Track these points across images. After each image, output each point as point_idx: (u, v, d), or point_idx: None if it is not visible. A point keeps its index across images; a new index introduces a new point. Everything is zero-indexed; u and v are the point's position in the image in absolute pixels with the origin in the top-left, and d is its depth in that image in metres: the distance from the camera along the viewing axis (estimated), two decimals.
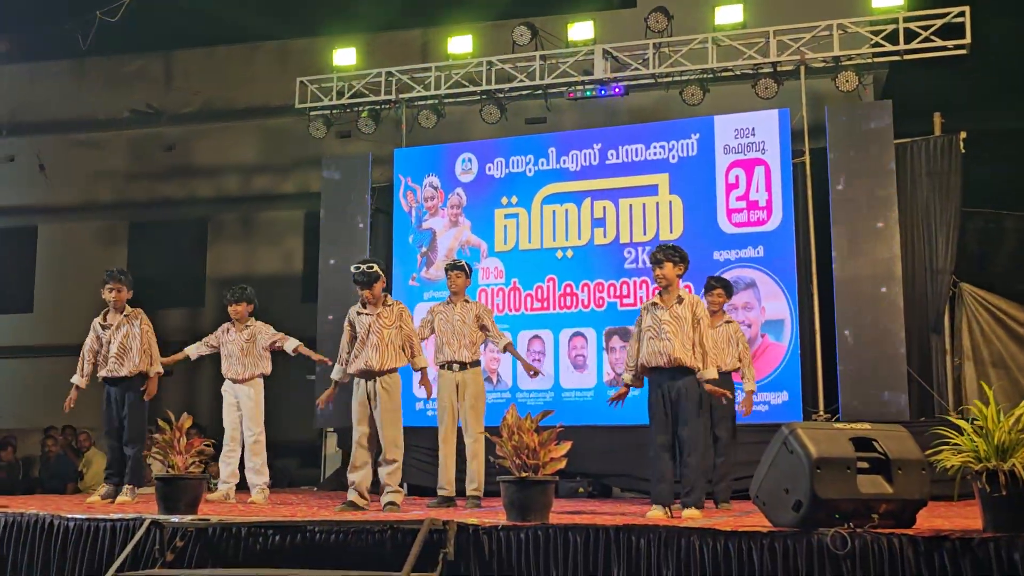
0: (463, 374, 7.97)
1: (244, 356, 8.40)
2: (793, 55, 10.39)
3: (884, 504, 4.90)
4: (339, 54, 11.91)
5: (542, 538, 5.19)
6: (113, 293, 7.91)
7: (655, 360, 6.48)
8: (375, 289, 7.19)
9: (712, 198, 10.34)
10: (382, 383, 7.10)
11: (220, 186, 15.93)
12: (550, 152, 11.00)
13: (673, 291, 6.61)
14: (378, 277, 7.20)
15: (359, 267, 7.23)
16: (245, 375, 8.39)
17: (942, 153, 10.24)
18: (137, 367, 7.85)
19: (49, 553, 5.87)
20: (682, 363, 6.42)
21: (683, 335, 6.45)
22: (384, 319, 7.17)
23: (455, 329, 8.02)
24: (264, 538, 5.57)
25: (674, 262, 6.60)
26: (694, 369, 6.44)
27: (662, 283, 6.62)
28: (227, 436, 8.34)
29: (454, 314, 8.07)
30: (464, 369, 7.98)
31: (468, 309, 8.10)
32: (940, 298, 10.17)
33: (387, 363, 7.11)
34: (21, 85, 16.00)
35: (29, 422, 14.31)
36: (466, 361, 7.99)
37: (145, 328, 7.93)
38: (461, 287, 8.16)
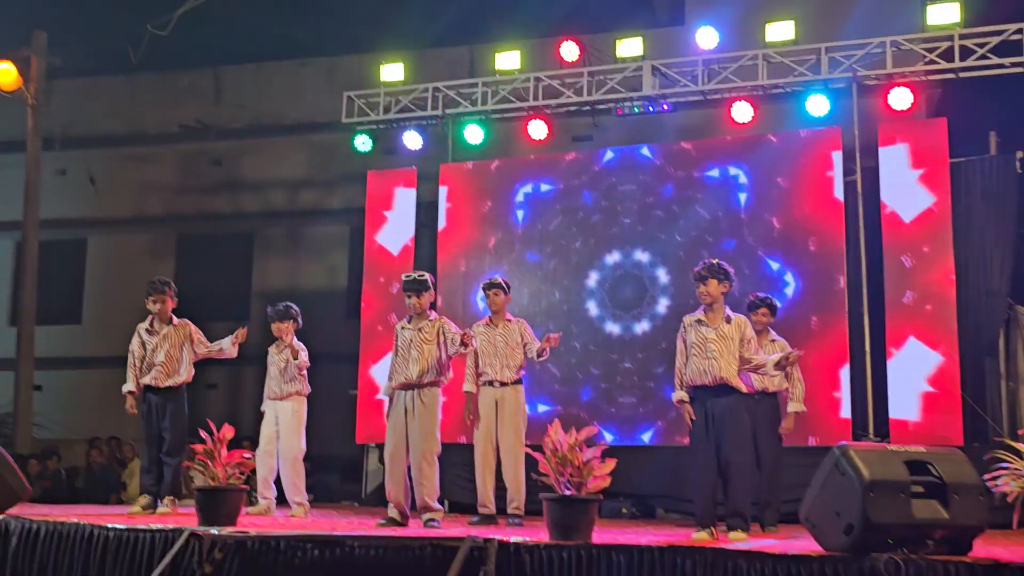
0: (503, 391, 7.89)
1: (281, 376, 8.35)
2: (845, 72, 10.23)
3: (939, 530, 4.74)
4: (386, 69, 11.92)
5: (585, 558, 5.07)
6: (157, 306, 7.93)
7: (700, 379, 6.37)
8: (423, 299, 7.14)
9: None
10: (421, 396, 7.02)
11: (267, 201, 16.05)
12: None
13: (719, 309, 6.49)
14: (427, 287, 7.16)
15: (410, 275, 7.21)
16: (282, 394, 8.34)
17: (998, 173, 10.00)
18: (182, 378, 7.85)
19: (89, 562, 5.85)
20: (727, 383, 6.30)
21: (729, 355, 6.34)
22: (426, 333, 7.10)
23: (497, 350, 7.95)
24: (303, 552, 5.50)
25: (719, 279, 6.48)
26: (739, 389, 6.32)
27: (706, 300, 6.51)
28: (260, 449, 8.27)
29: (495, 335, 7.99)
30: (505, 387, 7.90)
31: (510, 329, 8.02)
32: (995, 321, 9.92)
33: (427, 377, 7.04)
34: (73, 100, 16.22)
35: (75, 432, 14.43)
36: (507, 380, 7.92)
37: (197, 337, 7.94)
38: (501, 305, 8.07)
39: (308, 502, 8.49)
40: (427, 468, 7.01)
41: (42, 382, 14.63)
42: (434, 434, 7.06)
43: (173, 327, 7.94)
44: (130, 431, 12.05)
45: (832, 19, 11.54)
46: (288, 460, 8.26)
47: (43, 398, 14.66)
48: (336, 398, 11.75)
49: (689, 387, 6.45)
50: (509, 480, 7.83)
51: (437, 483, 7.09)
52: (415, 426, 7.00)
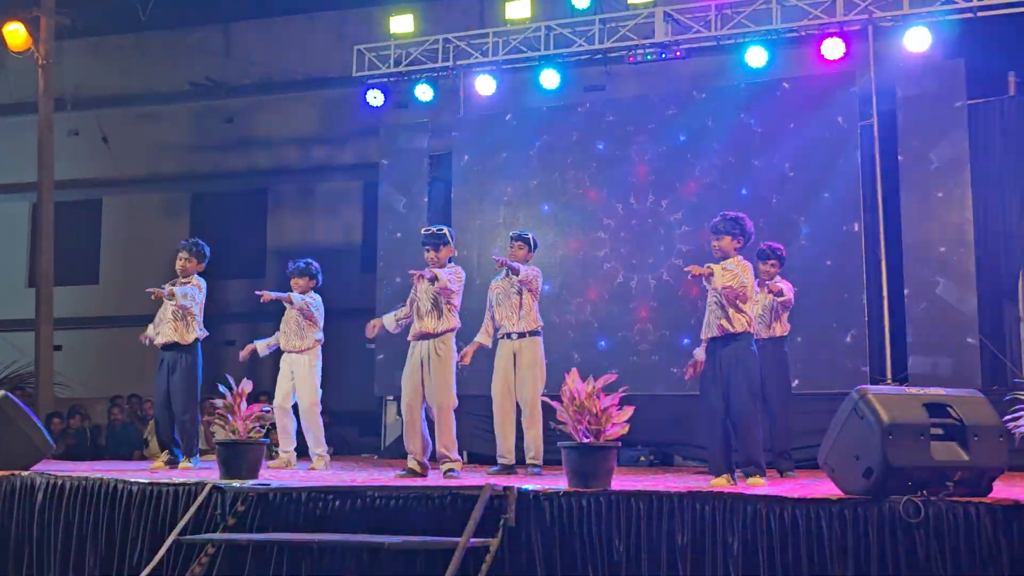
0: (520, 342, 7.89)
1: (300, 328, 8.37)
2: (860, 14, 10.08)
3: (959, 472, 4.73)
4: (395, 21, 11.83)
5: (604, 505, 5.10)
6: (180, 262, 7.97)
7: (708, 332, 6.40)
8: (441, 253, 7.16)
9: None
10: (435, 348, 7.07)
11: (279, 157, 16.02)
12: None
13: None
14: (445, 241, 7.19)
15: (429, 229, 7.23)
16: (302, 347, 8.36)
17: (1017, 114, 9.88)
18: (191, 334, 7.88)
19: (113, 516, 5.92)
20: (731, 332, 6.30)
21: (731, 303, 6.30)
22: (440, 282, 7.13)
23: (511, 301, 7.92)
24: (324, 503, 5.56)
25: (733, 235, 6.43)
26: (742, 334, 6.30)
27: (717, 254, 6.48)
28: (276, 402, 8.30)
29: (511, 286, 7.95)
30: (522, 338, 7.89)
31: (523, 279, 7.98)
32: (1014, 263, 9.84)
33: (442, 325, 7.08)
34: (83, 60, 16.18)
35: (96, 391, 14.55)
36: (524, 331, 7.90)
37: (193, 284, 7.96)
38: (522, 259, 7.98)
39: (328, 454, 8.54)
40: (445, 419, 7.06)
41: (62, 342, 14.74)
42: (450, 385, 7.10)
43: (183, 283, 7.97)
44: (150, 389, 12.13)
45: None
46: (305, 411, 8.32)
47: (63, 358, 14.77)
48: (353, 352, 11.80)
49: (706, 340, 6.46)
50: (528, 431, 7.86)
51: (454, 433, 7.14)
52: (431, 378, 7.04)
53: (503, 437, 7.90)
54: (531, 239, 8.08)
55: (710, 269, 6.20)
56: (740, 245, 6.46)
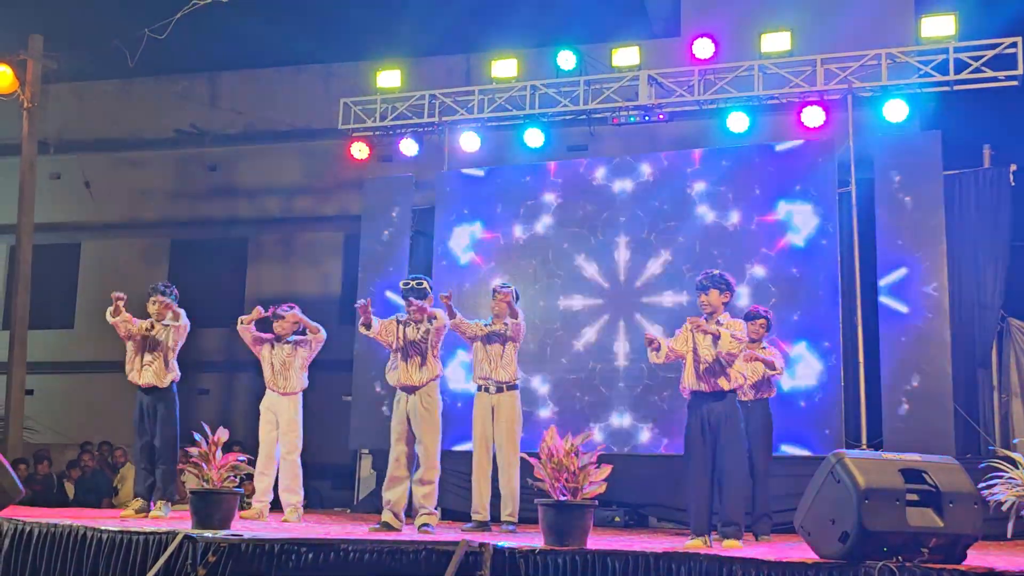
0: (499, 396, 7.87)
1: (285, 370, 8.35)
2: (841, 84, 10.27)
3: (934, 538, 4.76)
4: (383, 76, 11.93)
5: (580, 563, 5.07)
6: (156, 307, 7.94)
7: (697, 385, 6.39)
8: (426, 303, 7.24)
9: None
10: (422, 400, 7.07)
11: (261, 207, 16.03)
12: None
13: (717, 318, 6.50)
14: (427, 293, 7.27)
15: (408, 282, 7.27)
16: (287, 390, 8.33)
17: (991, 186, 10.07)
18: (170, 377, 7.84)
19: (82, 565, 5.84)
20: (723, 389, 6.31)
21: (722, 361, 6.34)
22: (423, 329, 7.20)
23: (489, 355, 7.90)
24: (297, 555, 5.50)
25: (720, 290, 6.50)
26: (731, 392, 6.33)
27: (706, 310, 6.52)
28: (262, 454, 8.27)
29: (493, 337, 7.96)
30: (500, 392, 7.88)
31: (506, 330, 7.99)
32: (988, 333, 9.97)
33: (426, 376, 7.09)
34: (68, 103, 16.21)
35: (67, 437, 14.38)
36: (502, 381, 7.88)
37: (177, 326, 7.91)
38: (505, 312, 8.00)
39: (302, 506, 8.47)
40: (432, 472, 7.09)
41: (34, 386, 14.56)
42: (438, 440, 7.15)
43: (165, 328, 7.93)
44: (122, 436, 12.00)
45: (827, 31, 11.58)
46: (286, 459, 8.26)
47: (35, 402, 14.59)
48: (329, 404, 11.73)
49: (687, 391, 6.48)
50: (504, 486, 7.82)
51: (436, 489, 7.14)
52: (419, 431, 7.07)
53: (479, 492, 7.86)
54: (514, 291, 8.09)
55: (718, 331, 6.25)
56: (728, 299, 6.53)
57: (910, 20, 11.19)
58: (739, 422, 6.33)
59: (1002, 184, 10.00)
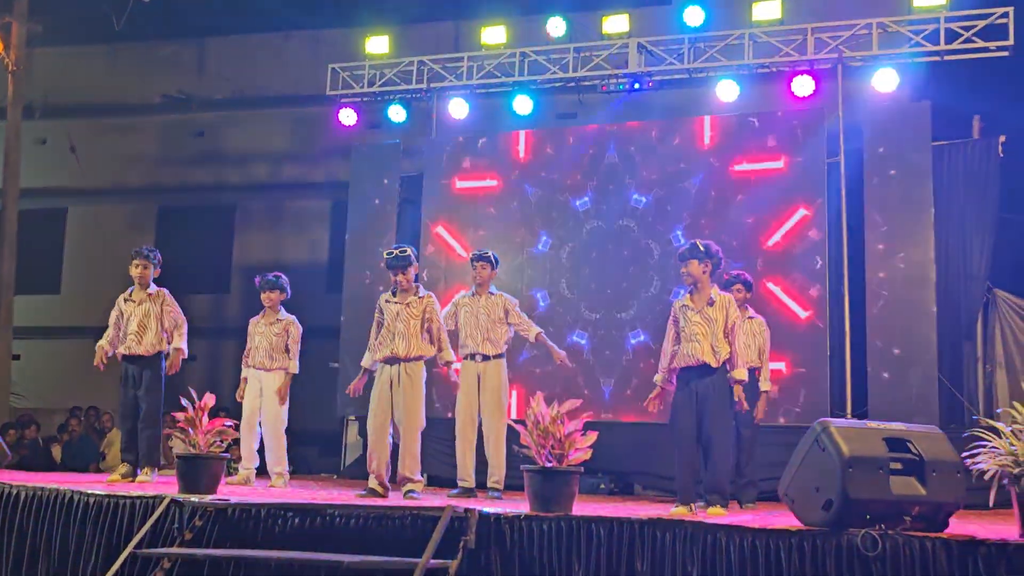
0: (485, 364, 7.89)
1: (272, 350, 8.33)
2: (831, 53, 10.24)
3: (917, 506, 4.79)
4: (371, 42, 11.85)
5: (565, 529, 5.10)
6: (139, 269, 7.89)
7: (684, 361, 6.42)
8: (408, 274, 7.15)
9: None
10: (406, 369, 7.06)
11: (249, 173, 15.97)
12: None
13: (703, 290, 6.50)
14: (411, 262, 7.18)
15: (392, 252, 7.21)
16: (272, 367, 8.33)
17: (980, 157, 10.06)
18: (155, 346, 7.81)
19: (69, 528, 5.85)
20: (710, 364, 6.34)
21: (713, 337, 6.37)
22: (413, 308, 7.14)
23: (479, 322, 7.93)
24: (284, 520, 5.52)
25: (699, 259, 6.47)
26: (721, 366, 6.36)
27: (687, 281, 6.53)
28: (244, 420, 8.25)
29: (479, 307, 7.96)
30: (487, 360, 7.89)
31: (493, 302, 7.99)
32: (974, 304, 10.00)
33: (413, 351, 7.07)
34: (54, 68, 16.07)
35: (53, 402, 14.38)
36: (489, 354, 7.90)
37: (168, 308, 7.88)
38: (487, 279, 8.03)
39: (288, 472, 8.49)
40: (411, 442, 7.05)
41: (21, 351, 14.55)
42: (419, 408, 7.10)
43: (149, 296, 7.90)
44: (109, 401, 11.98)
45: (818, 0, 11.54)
46: (270, 430, 8.26)
47: (21, 367, 14.58)
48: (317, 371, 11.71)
49: (677, 369, 6.49)
50: (491, 455, 7.85)
51: (419, 457, 7.12)
52: (400, 400, 7.03)
53: (463, 459, 7.88)
54: (492, 256, 8.11)
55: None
56: (708, 269, 6.50)
57: None
58: (728, 394, 6.36)
59: (991, 155, 9.99)
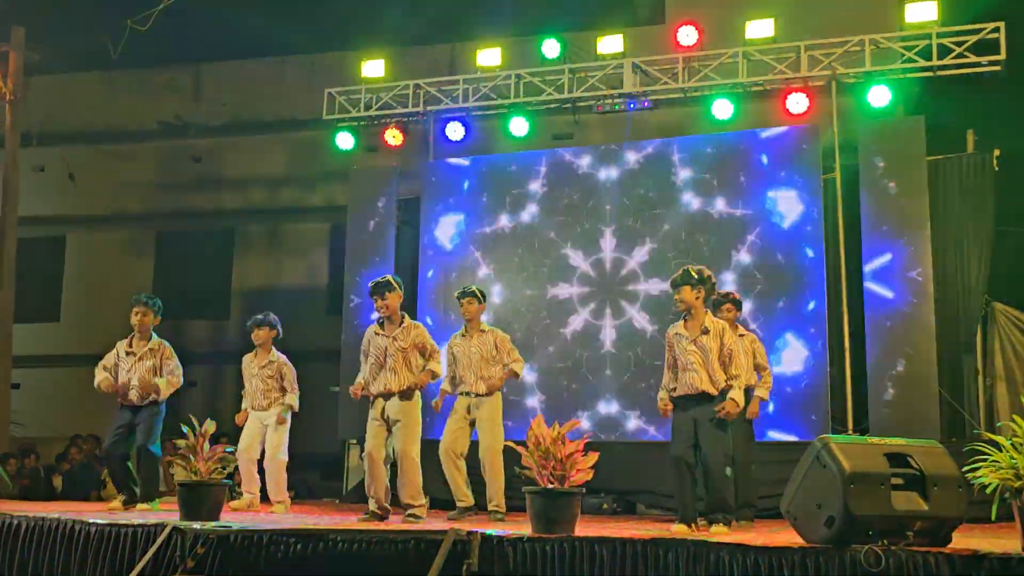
0: (479, 399, 7.87)
1: (267, 391, 8.32)
2: (824, 70, 10.28)
3: (919, 522, 4.78)
4: (368, 66, 11.90)
5: (568, 551, 5.08)
6: (138, 317, 7.91)
7: (683, 390, 6.43)
8: (389, 300, 7.09)
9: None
10: (400, 402, 7.05)
11: (247, 198, 16.00)
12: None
13: (697, 317, 6.48)
14: (390, 288, 7.11)
15: (375, 280, 7.21)
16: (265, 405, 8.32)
17: (975, 171, 10.11)
18: (154, 399, 7.85)
19: (70, 557, 5.83)
20: (708, 392, 6.36)
21: (710, 366, 6.37)
22: (400, 341, 7.10)
23: (472, 363, 7.88)
24: (286, 546, 5.49)
25: (692, 285, 6.46)
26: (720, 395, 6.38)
27: (680, 308, 6.52)
28: (240, 447, 8.22)
29: (471, 346, 7.93)
30: (479, 397, 7.88)
31: (484, 340, 7.94)
32: (972, 317, 10.02)
33: (404, 383, 7.05)
34: (52, 95, 16.12)
35: (53, 430, 14.33)
36: (482, 393, 7.88)
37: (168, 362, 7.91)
38: (475, 314, 7.98)
39: (289, 499, 8.48)
40: (411, 472, 7.03)
41: (20, 380, 14.53)
42: (416, 438, 7.08)
43: (151, 351, 7.91)
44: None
45: (811, 17, 11.60)
46: (272, 460, 8.25)
47: (21, 396, 14.56)
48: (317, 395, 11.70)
49: (676, 398, 6.49)
50: (489, 480, 7.83)
51: (420, 484, 7.12)
52: (397, 431, 7.02)
53: (454, 480, 7.86)
54: (478, 292, 8.05)
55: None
56: (702, 295, 6.48)
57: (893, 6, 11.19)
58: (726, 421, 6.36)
59: (986, 169, 10.05)
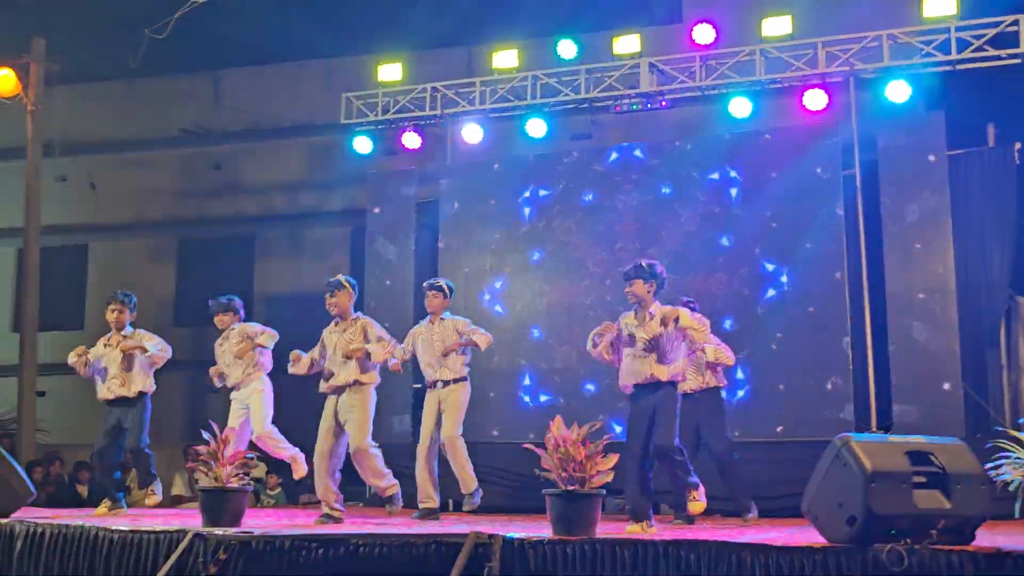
0: (446, 390, 7.96)
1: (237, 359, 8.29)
2: (842, 66, 10.23)
3: (942, 520, 4.74)
4: (384, 70, 11.93)
5: (589, 553, 5.09)
6: (114, 314, 7.99)
7: (634, 378, 6.51)
8: (336, 298, 7.27)
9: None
10: (351, 395, 7.19)
11: (267, 204, 16.06)
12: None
13: (647, 308, 6.57)
14: (339, 286, 7.31)
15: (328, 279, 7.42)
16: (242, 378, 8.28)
17: (996, 165, 10.01)
18: (137, 387, 7.90)
19: (94, 565, 5.87)
20: (658, 380, 6.43)
21: (659, 351, 6.44)
22: (349, 334, 7.26)
23: (434, 349, 7.99)
24: (308, 551, 5.52)
25: (644, 279, 6.56)
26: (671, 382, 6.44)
27: (632, 300, 6.64)
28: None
29: (432, 334, 8.06)
30: (447, 385, 7.95)
31: (445, 327, 8.05)
32: (995, 312, 9.93)
33: (352, 377, 7.17)
34: (72, 105, 16.21)
35: (78, 437, 14.41)
36: (448, 379, 7.96)
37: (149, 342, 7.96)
38: (438, 307, 8.12)
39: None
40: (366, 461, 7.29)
41: (45, 388, 14.63)
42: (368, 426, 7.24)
43: (125, 337, 7.99)
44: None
45: (828, 13, 11.53)
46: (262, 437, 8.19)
47: (46, 404, 14.66)
48: None
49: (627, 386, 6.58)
50: (455, 468, 7.93)
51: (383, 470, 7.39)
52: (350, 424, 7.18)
53: (422, 481, 7.95)
54: (445, 286, 8.18)
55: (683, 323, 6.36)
56: (653, 289, 6.58)
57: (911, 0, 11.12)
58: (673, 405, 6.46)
59: (1007, 163, 9.94)
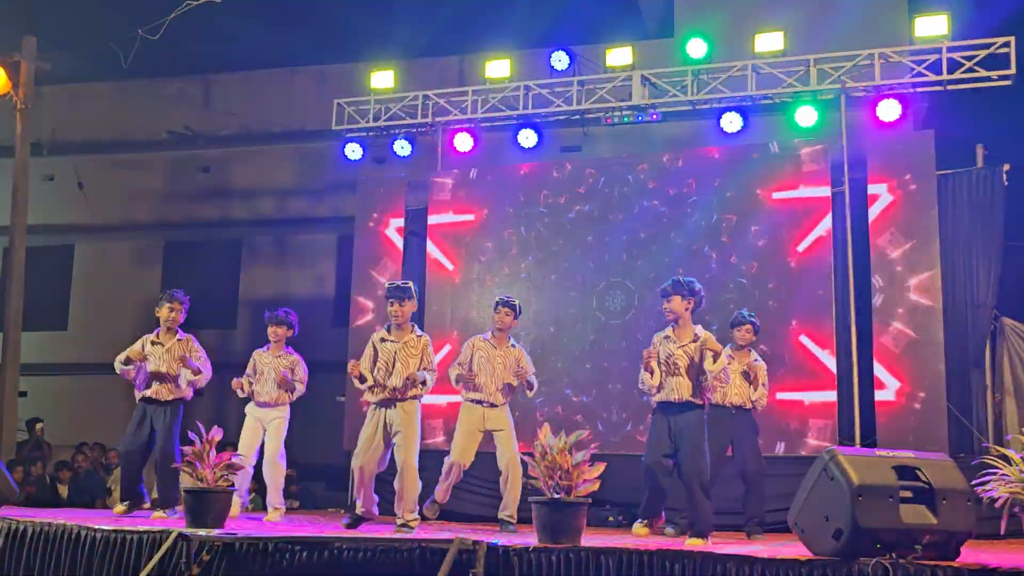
0: (493, 411, 7.87)
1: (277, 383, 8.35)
2: (834, 83, 10.28)
3: (928, 535, 4.76)
4: (376, 77, 11.93)
5: (574, 561, 5.08)
6: (173, 314, 7.90)
7: (665, 396, 6.49)
8: (405, 307, 7.10)
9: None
10: (403, 408, 7.03)
11: (255, 208, 16.04)
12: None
13: (685, 326, 6.55)
14: (410, 295, 7.14)
15: (394, 283, 7.20)
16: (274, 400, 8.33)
17: (984, 185, 10.05)
18: (181, 392, 7.85)
19: (76, 564, 5.83)
20: (691, 401, 6.44)
21: (695, 373, 6.43)
22: (410, 348, 7.08)
23: (495, 371, 7.86)
24: (291, 554, 5.50)
25: (683, 296, 6.52)
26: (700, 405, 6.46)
27: (669, 317, 6.59)
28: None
29: (495, 355, 7.90)
30: (494, 407, 7.88)
31: (510, 354, 7.93)
32: (981, 332, 9.96)
33: (409, 391, 7.04)
34: (62, 105, 16.20)
35: (60, 438, 14.34)
36: (498, 403, 7.89)
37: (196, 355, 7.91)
38: (508, 326, 7.97)
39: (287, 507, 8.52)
40: (410, 481, 7.00)
41: (28, 388, 14.55)
42: (416, 446, 7.07)
43: (178, 342, 7.94)
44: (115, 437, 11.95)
45: (821, 31, 11.61)
46: (272, 463, 8.26)
47: (28, 404, 14.57)
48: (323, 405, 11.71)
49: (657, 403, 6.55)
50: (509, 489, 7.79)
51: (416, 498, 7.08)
52: (399, 439, 6.99)
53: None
54: (517, 306, 8.06)
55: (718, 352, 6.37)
56: (691, 306, 6.55)
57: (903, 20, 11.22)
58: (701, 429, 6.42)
59: (995, 184, 9.98)
